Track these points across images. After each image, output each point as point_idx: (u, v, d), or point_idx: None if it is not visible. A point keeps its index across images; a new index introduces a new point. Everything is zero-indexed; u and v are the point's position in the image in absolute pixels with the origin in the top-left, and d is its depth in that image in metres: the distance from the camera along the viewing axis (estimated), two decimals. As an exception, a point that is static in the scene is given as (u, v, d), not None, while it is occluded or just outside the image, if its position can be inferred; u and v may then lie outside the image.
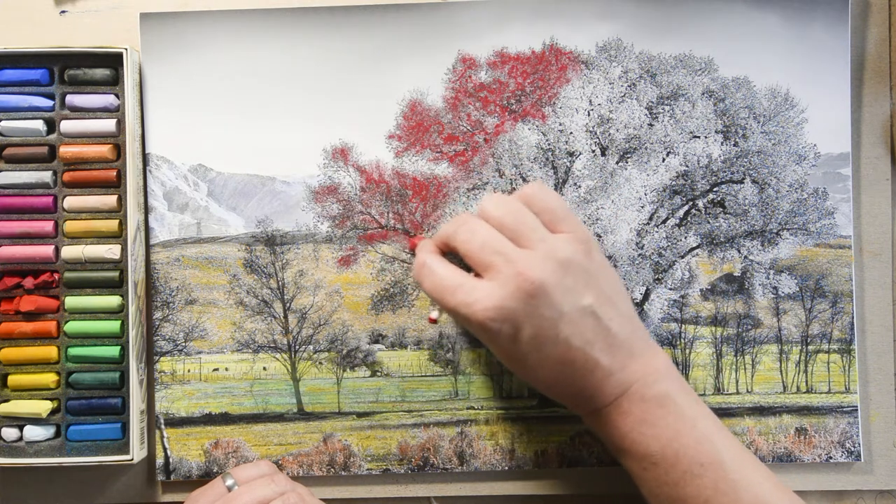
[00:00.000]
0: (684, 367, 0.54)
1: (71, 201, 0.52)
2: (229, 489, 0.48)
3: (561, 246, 0.40)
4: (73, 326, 0.52)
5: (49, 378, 0.52)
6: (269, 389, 0.54)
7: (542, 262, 0.39)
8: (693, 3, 0.54)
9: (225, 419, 0.54)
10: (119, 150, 0.53)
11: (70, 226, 0.52)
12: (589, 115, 0.54)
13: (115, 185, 0.53)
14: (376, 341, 0.55)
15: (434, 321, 0.45)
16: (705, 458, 0.40)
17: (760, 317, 0.54)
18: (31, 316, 0.52)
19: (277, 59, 0.54)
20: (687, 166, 0.54)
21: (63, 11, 0.55)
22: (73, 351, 0.52)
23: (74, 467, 0.54)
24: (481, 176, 0.54)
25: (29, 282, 0.52)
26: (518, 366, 0.42)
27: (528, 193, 0.43)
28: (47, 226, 0.52)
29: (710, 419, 0.42)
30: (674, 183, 0.54)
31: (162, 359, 0.54)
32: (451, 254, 0.44)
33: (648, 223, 0.54)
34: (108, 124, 0.52)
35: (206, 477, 0.53)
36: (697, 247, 0.54)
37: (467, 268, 0.43)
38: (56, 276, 0.52)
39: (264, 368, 0.54)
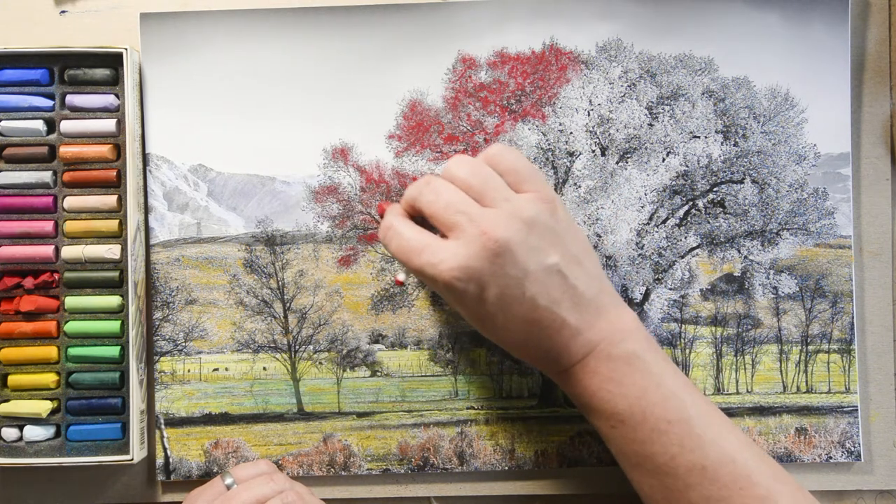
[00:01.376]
0: (684, 367, 0.54)
1: (71, 201, 0.52)
2: (228, 488, 0.48)
3: (525, 205, 0.40)
4: (73, 326, 0.52)
5: (49, 378, 0.52)
6: (269, 389, 0.54)
7: (506, 221, 0.39)
8: (693, 3, 0.54)
9: (225, 419, 0.54)
10: (119, 150, 0.53)
11: (70, 226, 0.52)
12: (589, 115, 0.54)
13: (115, 185, 0.53)
14: (376, 341, 0.55)
15: (401, 283, 0.45)
16: (672, 415, 0.40)
17: (760, 317, 0.54)
18: (31, 316, 0.52)
19: (277, 58, 0.54)
20: (687, 166, 0.54)
21: (63, 11, 0.55)
22: (73, 351, 0.52)
23: (74, 467, 0.54)
24: (481, 176, 0.54)
25: (29, 282, 0.52)
26: (486, 326, 0.42)
27: (493, 154, 0.43)
28: (47, 226, 0.52)
29: (677, 376, 0.42)
30: (674, 183, 0.54)
31: (162, 359, 0.54)
32: (418, 217, 0.44)
33: (648, 223, 0.54)
34: (108, 124, 0.52)
35: (206, 477, 0.53)
36: (697, 247, 0.54)
37: (434, 231, 0.43)
38: (56, 276, 0.52)
39: (264, 368, 0.54)
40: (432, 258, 0.40)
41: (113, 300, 0.52)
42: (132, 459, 0.51)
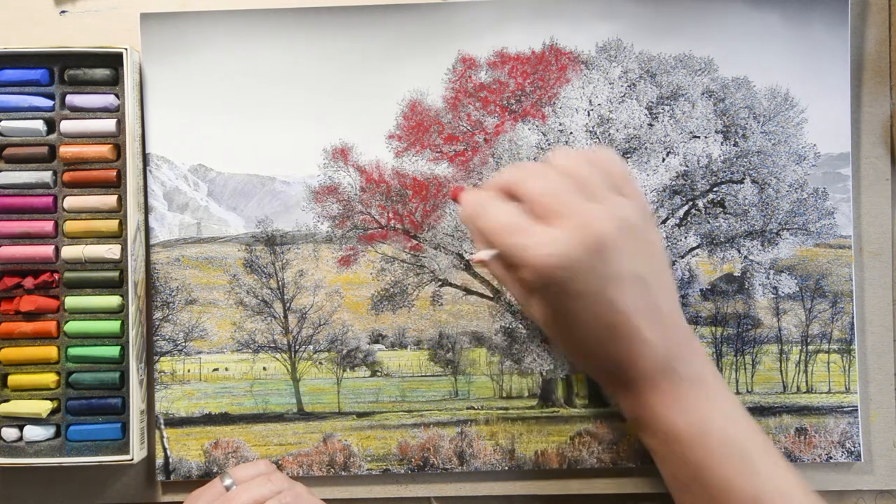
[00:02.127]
0: (684, 367, 0.54)
1: (71, 201, 0.52)
2: (227, 489, 0.48)
3: (627, 208, 0.40)
4: (73, 326, 0.52)
5: (49, 378, 0.52)
6: (269, 389, 0.54)
7: (608, 219, 0.38)
8: (693, 3, 0.54)
9: (225, 419, 0.54)
10: (119, 150, 0.53)
11: (70, 226, 0.52)
12: (589, 115, 0.54)
13: (115, 185, 0.53)
14: (376, 341, 0.55)
15: (483, 262, 0.41)
16: (731, 441, 0.40)
17: (760, 317, 0.54)
18: (31, 316, 0.52)
19: (277, 58, 0.54)
20: (687, 166, 0.54)
21: (63, 11, 0.55)
22: (73, 351, 0.52)
23: (74, 467, 0.54)
24: (481, 176, 0.54)
25: (29, 282, 0.52)
26: (559, 324, 0.41)
27: (597, 154, 0.42)
28: (47, 226, 0.52)
29: (737, 405, 0.42)
30: (674, 183, 0.54)
31: (162, 359, 0.54)
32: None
33: (648, 223, 0.54)
34: (108, 124, 0.52)
35: (205, 477, 0.53)
36: (697, 247, 0.54)
37: None
38: (56, 276, 0.52)
39: (264, 368, 0.54)
40: (527, 240, 0.38)
41: (113, 300, 0.52)
42: (132, 459, 0.51)
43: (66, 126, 0.52)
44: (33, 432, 0.52)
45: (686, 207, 0.54)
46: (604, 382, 0.44)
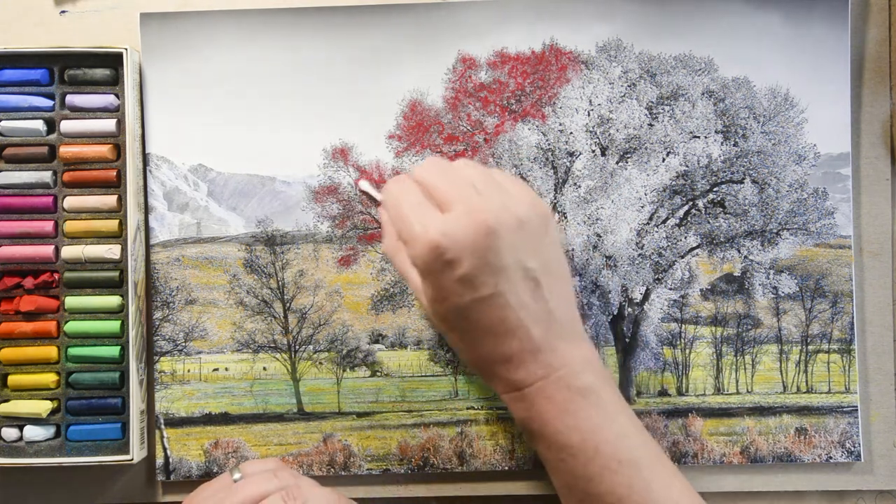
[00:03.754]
0: (684, 367, 0.54)
1: (71, 201, 0.52)
2: (235, 482, 0.48)
3: (519, 205, 0.41)
4: (73, 326, 0.52)
5: (49, 378, 0.52)
6: (269, 389, 0.54)
7: (498, 210, 0.40)
8: (693, 3, 0.54)
9: (225, 419, 0.54)
10: (119, 150, 0.53)
11: (70, 226, 0.52)
12: (589, 115, 0.54)
13: (115, 185, 0.53)
14: (376, 341, 0.55)
15: (363, 192, 0.47)
16: (623, 454, 0.40)
17: (760, 317, 0.54)
18: (31, 316, 0.52)
19: (277, 59, 0.54)
20: (687, 166, 0.54)
21: (63, 11, 0.55)
22: (73, 351, 0.52)
23: (74, 467, 0.54)
24: (481, 176, 0.54)
25: (29, 282, 0.52)
26: (448, 314, 0.42)
27: (495, 169, 0.46)
28: (47, 226, 0.52)
29: (631, 416, 0.42)
30: (674, 183, 0.54)
31: (162, 359, 0.54)
32: None
33: (648, 223, 0.54)
34: (108, 124, 0.52)
35: (205, 477, 0.53)
36: (697, 247, 0.54)
37: None
38: (56, 276, 0.52)
39: (264, 368, 0.54)
40: (422, 218, 0.40)
41: (113, 300, 0.52)
42: (132, 459, 0.51)
43: (66, 126, 0.52)
44: (33, 432, 0.52)
45: (686, 207, 0.54)
46: (495, 386, 0.44)
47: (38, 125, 0.52)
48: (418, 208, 0.41)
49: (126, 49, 0.52)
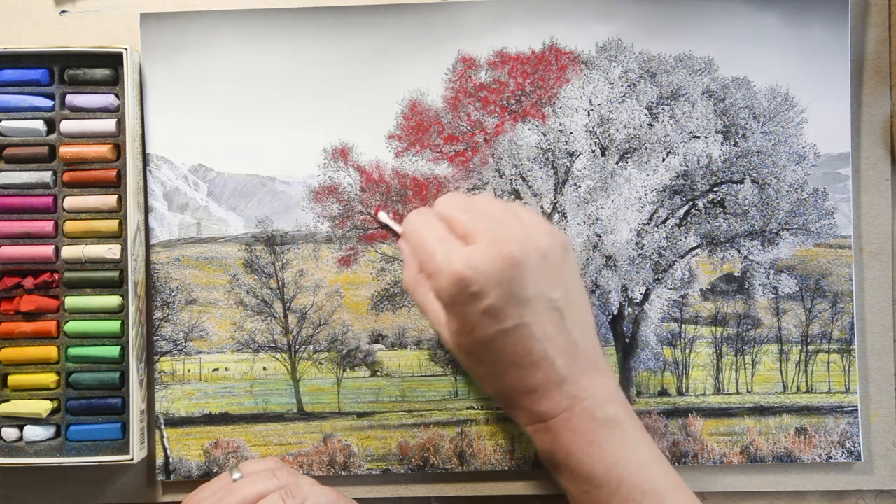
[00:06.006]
0: (684, 367, 0.54)
1: (71, 201, 0.52)
2: (235, 482, 0.48)
3: (542, 235, 0.41)
4: (73, 326, 0.52)
5: (49, 378, 0.52)
6: (269, 389, 0.54)
7: (522, 241, 0.40)
8: (693, 3, 0.54)
9: (225, 419, 0.54)
10: (119, 150, 0.53)
11: (70, 226, 0.52)
12: (589, 115, 0.54)
13: (115, 185, 0.53)
14: (376, 341, 0.55)
15: (379, 222, 0.48)
16: (647, 485, 0.40)
17: (760, 317, 0.54)
18: (31, 316, 0.52)
19: (277, 59, 0.54)
20: (687, 166, 0.54)
21: (63, 11, 0.55)
22: (73, 351, 0.52)
23: (74, 467, 0.54)
24: (481, 176, 0.54)
25: (29, 282, 0.52)
26: (472, 347, 0.42)
27: (515, 203, 0.46)
28: (47, 226, 0.52)
29: (652, 447, 0.42)
30: (674, 183, 0.54)
31: (162, 359, 0.54)
32: None
33: (648, 223, 0.54)
34: (108, 124, 0.52)
35: (205, 477, 0.53)
36: (697, 247, 0.54)
37: None
38: (56, 276, 0.52)
39: (264, 368, 0.54)
40: (446, 250, 0.41)
41: (113, 300, 0.52)
42: (132, 459, 0.51)
43: (66, 126, 0.52)
44: (33, 432, 0.52)
45: (686, 207, 0.54)
46: (519, 417, 0.44)
47: (38, 125, 0.52)
48: (442, 241, 0.41)
49: (126, 49, 0.52)
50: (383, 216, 0.47)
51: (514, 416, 0.44)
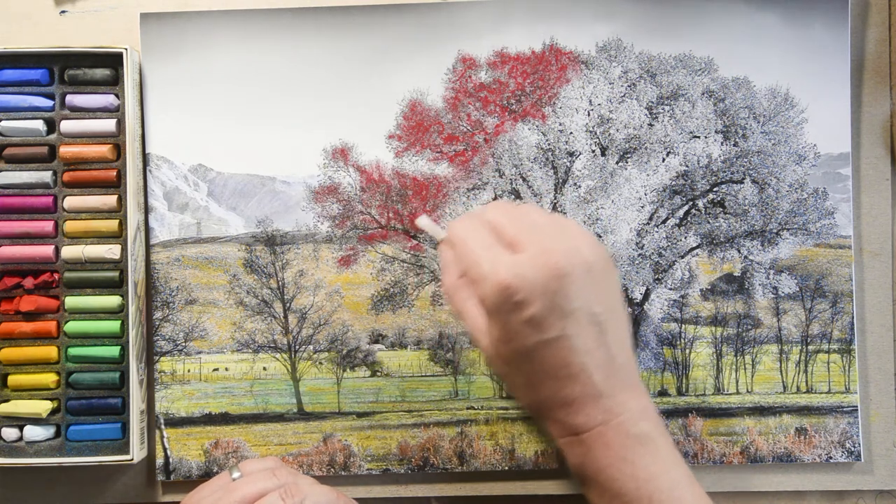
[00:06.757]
0: (684, 367, 0.54)
1: (71, 201, 0.52)
2: (234, 481, 0.48)
3: (588, 249, 0.41)
4: (73, 326, 0.52)
5: (49, 378, 0.52)
6: (269, 389, 0.54)
7: (568, 253, 0.40)
8: (693, 3, 0.54)
9: (225, 419, 0.54)
10: (119, 150, 0.53)
11: (70, 226, 0.52)
12: (589, 115, 0.54)
13: (115, 185, 0.53)
14: (376, 341, 0.55)
15: (417, 228, 0.47)
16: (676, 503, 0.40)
17: (760, 317, 0.54)
18: (31, 316, 0.52)
19: (277, 59, 0.54)
20: (687, 166, 0.54)
21: (63, 11, 0.55)
22: (73, 351, 0.52)
23: (74, 467, 0.54)
24: (481, 176, 0.54)
25: (29, 282, 0.52)
26: (510, 355, 0.42)
27: (561, 216, 0.46)
28: (47, 226, 0.52)
29: (683, 466, 0.42)
30: (674, 183, 0.54)
31: (162, 359, 0.54)
32: None
33: (648, 223, 0.54)
34: (108, 124, 0.52)
35: (205, 477, 0.53)
36: (697, 247, 0.54)
37: None
38: (56, 276, 0.52)
39: (264, 368, 0.54)
40: (492, 258, 0.41)
41: (113, 300, 0.52)
42: (132, 459, 0.51)
43: (66, 126, 0.52)
44: (33, 432, 0.52)
45: (686, 207, 0.54)
46: (551, 429, 0.44)
47: (38, 125, 0.52)
48: (489, 249, 0.41)
49: (126, 49, 0.52)
50: (425, 221, 0.46)
51: (547, 427, 0.44)
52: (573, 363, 0.41)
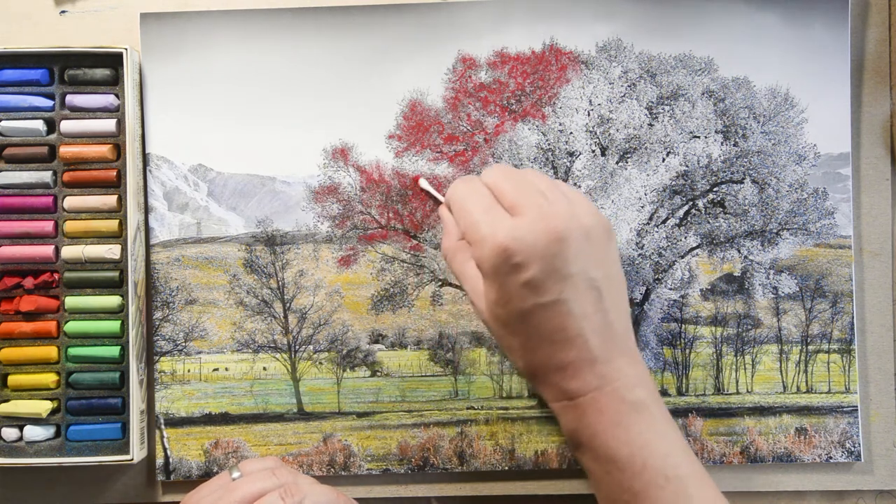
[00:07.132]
0: (684, 367, 0.54)
1: (71, 201, 0.52)
2: (234, 481, 0.48)
3: (587, 214, 0.42)
4: (73, 326, 0.52)
5: (49, 378, 0.52)
6: (269, 389, 0.54)
7: (567, 218, 0.41)
8: (693, 3, 0.54)
9: (225, 419, 0.54)
10: (119, 150, 0.53)
11: (70, 226, 0.52)
12: (589, 115, 0.54)
13: (115, 185, 0.53)
14: (376, 341, 0.55)
15: (420, 188, 0.47)
16: (671, 471, 0.40)
17: (760, 317, 0.54)
18: (31, 316, 0.52)
19: (277, 59, 0.54)
20: (687, 166, 0.54)
21: (63, 11, 0.55)
22: (73, 351, 0.52)
23: (74, 467, 0.54)
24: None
25: (29, 282, 0.52)
26: (507, 318, 0.42)
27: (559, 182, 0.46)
28: (47, 226, 0.52)
29: (678, 434, 0.42)
30: (674, 183, 0.54)
31: (162, 359, 0.54)
32: None
33: (648, 223, 0.54)
34: (108, 124, 0.52)
35: (205, 477, 0.53)
36: (697, 247, 0.54)
37: None
38: (56, 276, 0.52)
39: (264, 368, 0.54)
40: (492, 219, 0.41)
41: (113, 300, 0.52)
42: (132, 459, 0.51)
43: (66, 126, 0.52)
44: (33, 432, 0.52)
45: (686, 207, 0.54)
46: (546, 393, 0.44)
47: (38, 125, 0.52)
48: (488, 211, 0.42)
49: (126, 49, 0.52)
50: (424, 183, 0.46)
51: (542, 391, 0.44)
52: (570, 327, 0.41)
